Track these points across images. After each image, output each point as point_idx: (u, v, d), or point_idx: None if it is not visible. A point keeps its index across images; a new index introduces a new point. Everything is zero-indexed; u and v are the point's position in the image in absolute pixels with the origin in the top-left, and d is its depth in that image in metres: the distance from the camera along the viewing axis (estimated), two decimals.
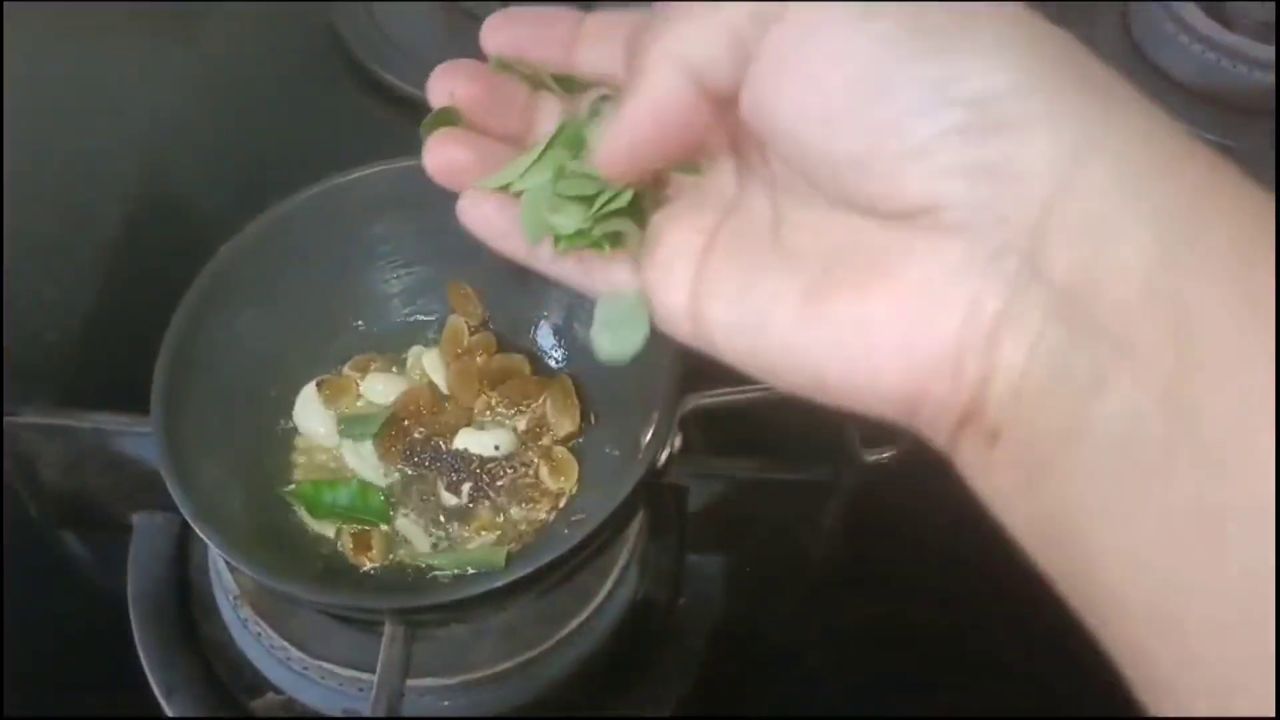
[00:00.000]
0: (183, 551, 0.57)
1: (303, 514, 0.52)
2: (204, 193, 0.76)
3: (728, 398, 0.48)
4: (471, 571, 0.50)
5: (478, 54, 0.33)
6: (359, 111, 0.81)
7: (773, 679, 0.57)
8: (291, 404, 0.54)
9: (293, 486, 0.52)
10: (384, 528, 0.52)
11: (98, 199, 0.76)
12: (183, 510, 0.44)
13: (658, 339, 0.48)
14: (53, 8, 0.87)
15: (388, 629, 0.47)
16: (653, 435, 0.46)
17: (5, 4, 0.87)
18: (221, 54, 0.85)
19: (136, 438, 0.52)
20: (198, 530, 0.44)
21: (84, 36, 0.86)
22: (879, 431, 0.54)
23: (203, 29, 0.86)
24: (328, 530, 0.52)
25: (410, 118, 0.80)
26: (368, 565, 0.50)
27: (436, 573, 0.50)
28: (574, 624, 0.52)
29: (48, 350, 0.69)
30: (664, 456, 0.47)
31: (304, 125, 0.80)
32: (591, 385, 0.55)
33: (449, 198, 0.54)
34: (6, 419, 0.52)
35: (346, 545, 0.51)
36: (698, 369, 0.47)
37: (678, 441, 0.47)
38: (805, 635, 0.59)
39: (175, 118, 0.80)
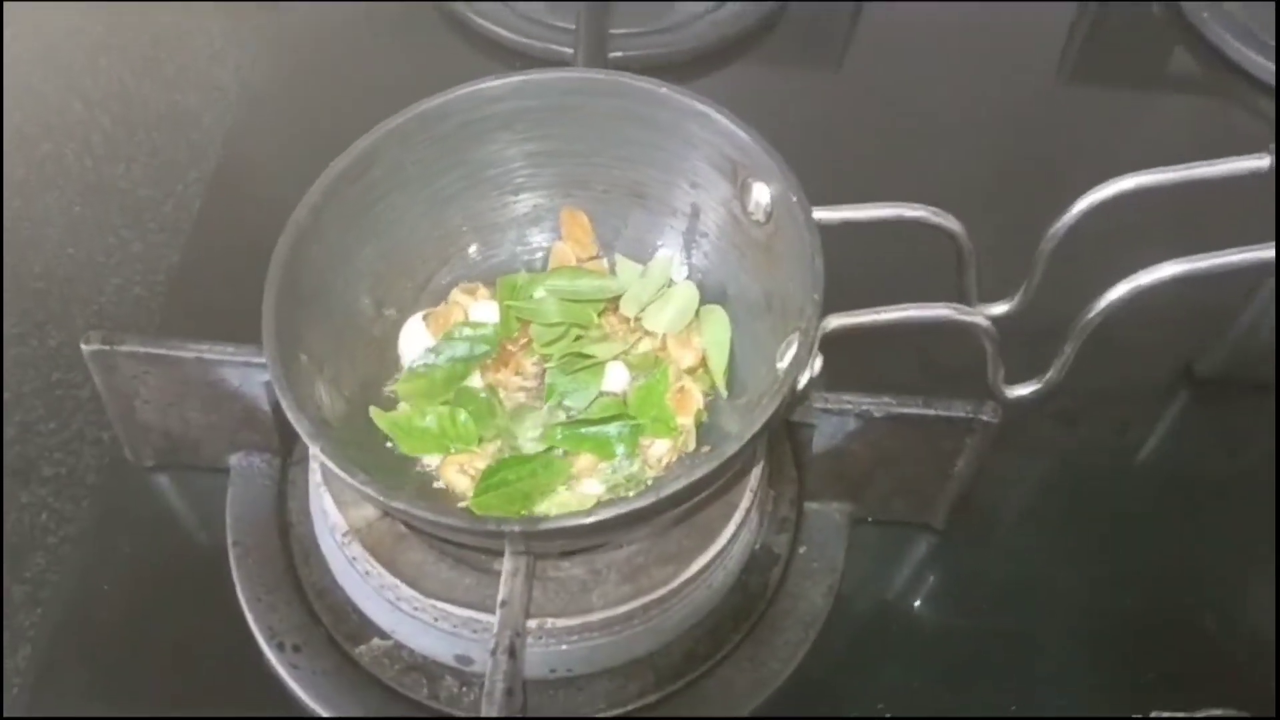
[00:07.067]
0: (281, 493, 0.54)
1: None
2: (288, 148, 0.74)
3: (869, 318, 0.45)
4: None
5: None
6: (448, 60, 0.79)
7: (889, 651, 0.54)
8: None
9: (387, 413, 0.50)
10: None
11: (184, 155, 0.75)
12: (299, 430, 0.42)
13: (797, 254, 0.46)
14: None
15: (508, 563, 0.44)
16: (794, 357, 0.43)
17: None
18: (305, 6, 0.84)
19: (241, 368, 0.50)
20: (319, 451, 0.41)
21: None
22: (1026, 365, 0.51)
23: None
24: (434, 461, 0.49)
25: (503, 61, 0.79)
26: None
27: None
28: (697, 566, 0.49)
29: (134, 304, 0.67)
30: (804, 379, 0.44)
31: (391, 74, 0.78)
32: None
33: (557, 118, 0.52)
34: (108, 348, 0.50)
35: (448, 474, 0.48)
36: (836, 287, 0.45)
37: (818, 364, 0.44)
38: (931, 602, 0.55)
39: (260, 73, 0.79)
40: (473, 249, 0.54)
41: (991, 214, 0.71)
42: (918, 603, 0.55)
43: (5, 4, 0.82)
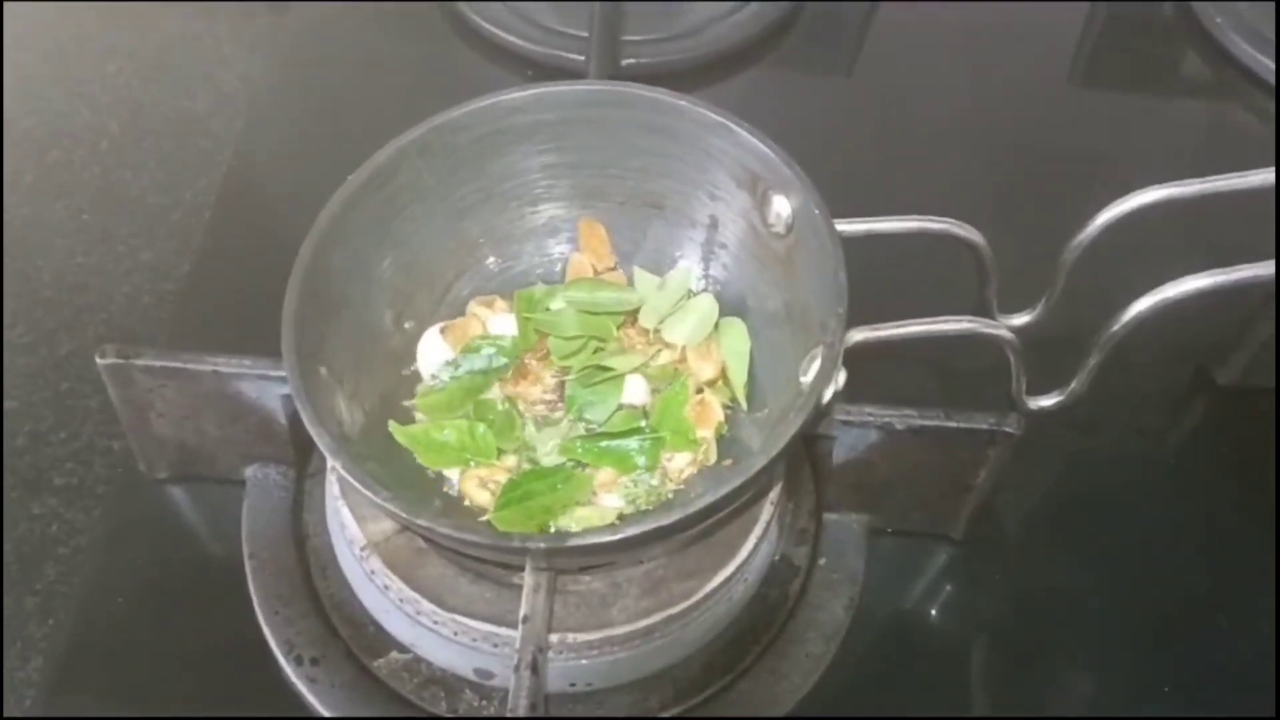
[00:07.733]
0: (297, 505, 0.54)
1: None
2: (297, 153, 0.74)
3: (893, 332, 0.45)
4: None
5: None
6: (455, 64, 0.79)
7: (910, 662, 0.53)
8: None
9: (406, 427, 0.49)
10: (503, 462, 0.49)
11: (193, 161, 0.75)
12: (321, 445, 0.41)
13: (818, 266, 0.45)
14: None
15: (530, 578, 0.44)
16: (818, 371, 0.43)
17: None
18: (312, 12, 0.83)
19: (258, 380, 0.50)
20: (341, 467, 0.41)
21: (176, 3, 0.85)
22: (1048, 376, 0.51)
23: None
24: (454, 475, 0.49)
25: (512, 69, 0.79)
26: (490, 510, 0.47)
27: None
28: (717, 579, 0.48)
29: (144, 313, 0.67)
30: (829, 393, 0.43)
31: (398, 78, 0.78)
32: None
33: (576, 129, 0.52)
34: (123, 361, 0.49)
35: (468, 488, 0.48)
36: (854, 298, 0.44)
37: (842, 378, 0.44)
38: (951, 612, 0.55)
39: (267, 78, 0.79)
40: (491, 260, 0.54)
41: (1006, 221, 0.71)
42: (938, 614, 0.55)
43: (6, 7, 0.82)
